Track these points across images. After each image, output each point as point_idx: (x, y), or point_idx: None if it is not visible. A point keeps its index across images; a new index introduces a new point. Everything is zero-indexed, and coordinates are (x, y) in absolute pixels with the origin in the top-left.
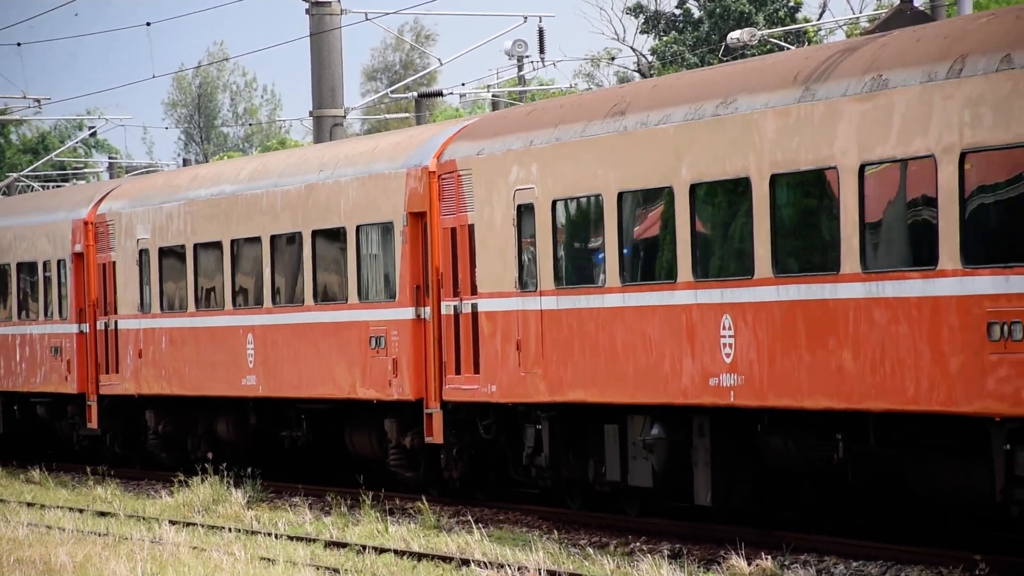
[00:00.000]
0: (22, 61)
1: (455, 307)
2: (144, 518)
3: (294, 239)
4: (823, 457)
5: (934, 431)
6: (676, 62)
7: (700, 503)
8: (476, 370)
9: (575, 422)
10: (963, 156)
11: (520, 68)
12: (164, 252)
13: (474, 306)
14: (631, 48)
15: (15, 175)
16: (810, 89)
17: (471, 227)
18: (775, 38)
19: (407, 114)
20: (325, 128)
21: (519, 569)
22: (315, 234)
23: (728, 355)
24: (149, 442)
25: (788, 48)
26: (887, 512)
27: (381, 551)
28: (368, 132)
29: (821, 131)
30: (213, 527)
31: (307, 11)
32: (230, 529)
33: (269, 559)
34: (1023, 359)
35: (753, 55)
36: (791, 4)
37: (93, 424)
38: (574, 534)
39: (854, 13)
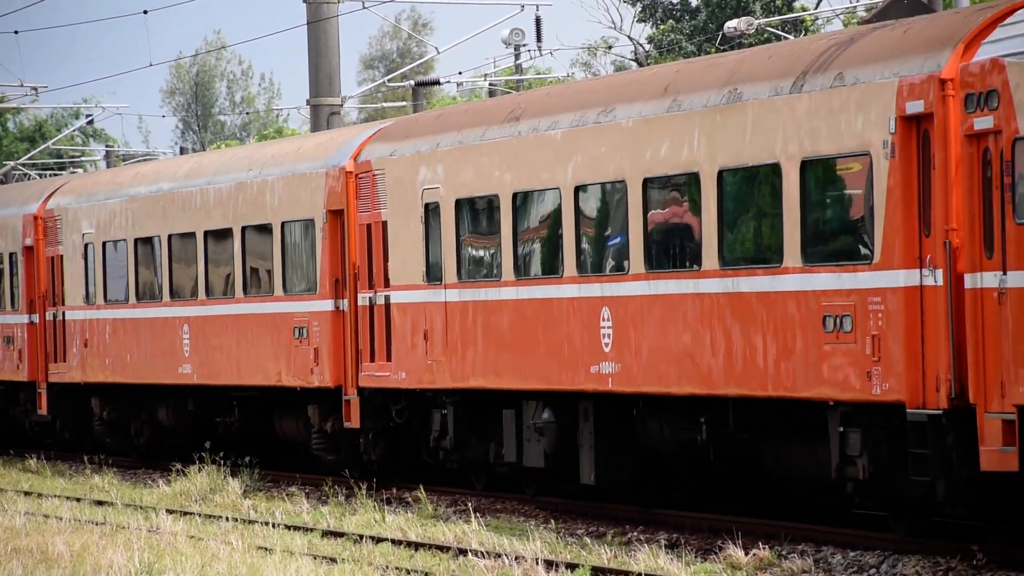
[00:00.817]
0: (19, 49)
1: (370, 299)
2: (141, 507)
3: (226, 234)
4: (690, 439)
5: (784, 415)
6: (673, 51)
7: (585, 482)
8: (388, 358)
9: (477, 407)
10: (803, 164)
11: (517, 57)
12: (107, 246)
13: (387, 298)
14: (628, 37)
15: (12, 164)
16: (677, 100)
17: (384, 224)
18: (772, 27)
19: (404, 103)
20: (322, 116)
21: (516, 558)
22: (245, 230)
23: (607, 345)
24: (95, 428)
25: (787, 38)
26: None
27: (378, 540)
28: (365, 120)
29: (686, 139)
30: (210, 516)
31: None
32: (227, 518)
33: (266, 548)
34: (852, 349)
35: (750, 44)
36: None
37: (43, 411)
38: (571, 523)
39: (851, 1)
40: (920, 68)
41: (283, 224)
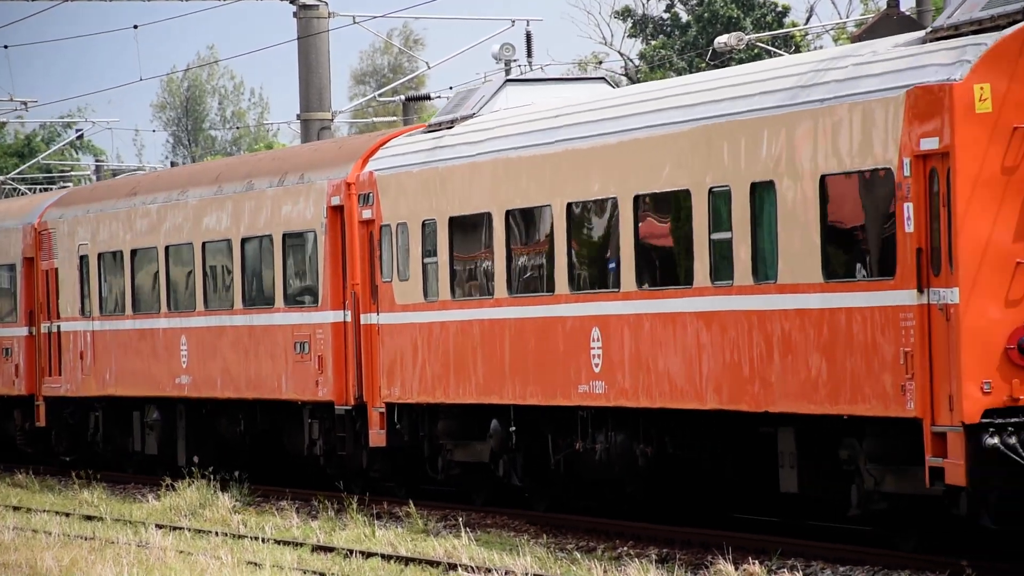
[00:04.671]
0: (9, 64)
1: (49, 327)
2: (131, 522)
3: None
4: (233, 431)
5: (287, 410)
6: (664, 66)
7: (180, 464)
8: (60, 373)
9: (119, 410)
10: (284, 236)
11: (508, 72)
12: None
13: (59, 327)
14: (619, 52)
15: (2, 179)
16: (221, 187)
17: (56, 270)
18: (763, 42)
19: (394, 117)
20: (312, 131)
21: (506, 573)
22: None
23: (185, 362)
24: None
25: (780, 54)
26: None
27: (368, 555)
28: (359, 133)
29: (225, 214)
30: (200, 531)
31: (294, 14)
32: (217, 533)
33: (256, 563)
34: (309, 365)
35: (741, 60)
36: (779, 9)
37: None
38: (561, 538)
39: (841, 18)
40: (340, 174)
41: None
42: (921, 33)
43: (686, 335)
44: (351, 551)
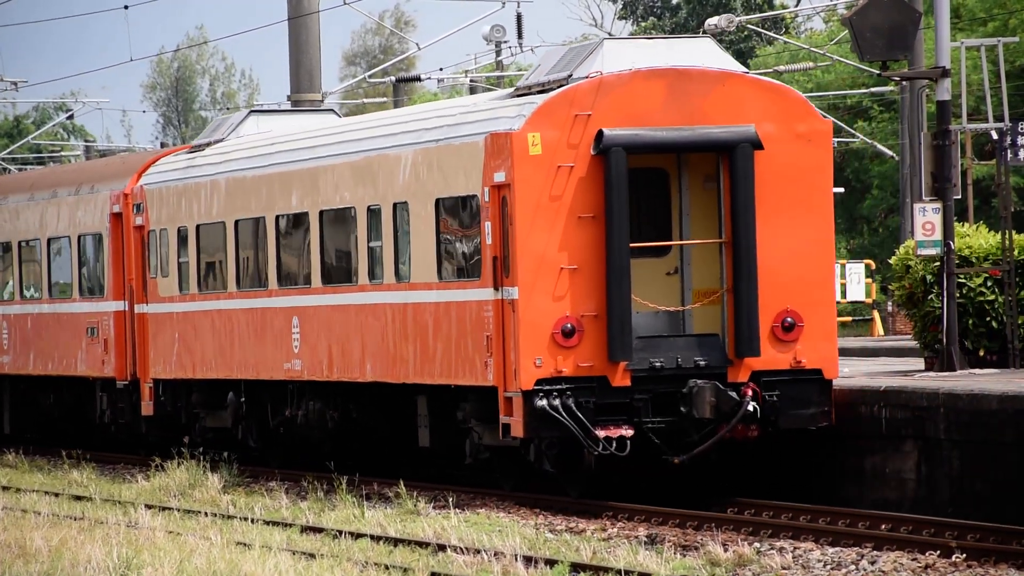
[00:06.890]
0: None
1: None
2: (120, 502)
3: None
4: (47, 403)
5: (80, 386)
6: None
7: (6, 432)
8: None
9: None
10: (79, 238)
11: (498, 53)
12: None
13: None
14: (609, 34)
15: None
16: (33, 195)
17: None
18: (752, 24)
19: (385, 99)
20: None
21: (495, 555)
22: None
23: (5, 344)
24: None
25: (771, 36)
26: None
27: (357, 536)
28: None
29: (35, 218)
30: (189, 511)
31: None
32: (206, 514)
33: (245, 544)
34: (98, 347)
35: (731, 41)
36: None
37: None
38: (551, 519)
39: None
40: (120, 186)
41: None
42: (510, 91)
43: (354, 322)
44: (340, 532)
